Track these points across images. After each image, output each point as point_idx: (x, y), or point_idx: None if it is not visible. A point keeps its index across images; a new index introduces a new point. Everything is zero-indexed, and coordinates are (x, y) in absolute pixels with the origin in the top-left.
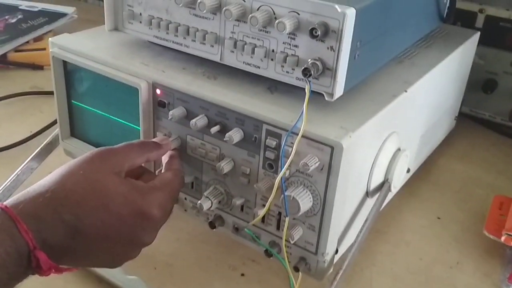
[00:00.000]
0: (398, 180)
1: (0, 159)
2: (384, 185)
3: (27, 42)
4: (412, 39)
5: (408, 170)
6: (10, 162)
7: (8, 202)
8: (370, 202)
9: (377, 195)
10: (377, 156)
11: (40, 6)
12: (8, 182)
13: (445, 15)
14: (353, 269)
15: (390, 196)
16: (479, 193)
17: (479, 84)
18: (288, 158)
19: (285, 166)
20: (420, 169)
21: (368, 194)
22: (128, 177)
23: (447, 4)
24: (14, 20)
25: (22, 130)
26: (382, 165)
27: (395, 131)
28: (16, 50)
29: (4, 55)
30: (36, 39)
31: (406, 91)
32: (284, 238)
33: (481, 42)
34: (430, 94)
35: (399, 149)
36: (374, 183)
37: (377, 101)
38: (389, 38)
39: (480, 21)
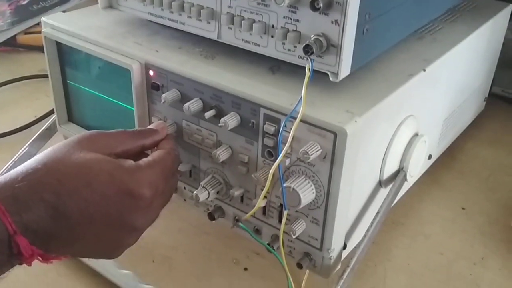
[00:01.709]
0: (416, 168)
1: (3, 144)
2: (399, 174)
3: (38, 24)
4: (435, 13)
5: (430, 157)
6: (12, 147)
7: None
8: (384, 192)
9: (391, 185)
10: (391, 142)
11: None
12: (4, 170)
13: None
14: (366, 264)
15: (407, 185)
16: (509, 181)
17: None
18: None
19: (281, 154)
20: (445, 155)
21: (381, 184)
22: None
23: None
24: (25, 2)
25: (27, 114)
26: (396, 152)
27: (412, 115)
28: (26, 32)
29: (14, 37)
30: None
31: (424, 70)
32: (281, 233)
33: None
34: (454, 74)
35: (416, 134)
36: (388, 172)
37: (391, 81)
38: (405, 11)
39: None
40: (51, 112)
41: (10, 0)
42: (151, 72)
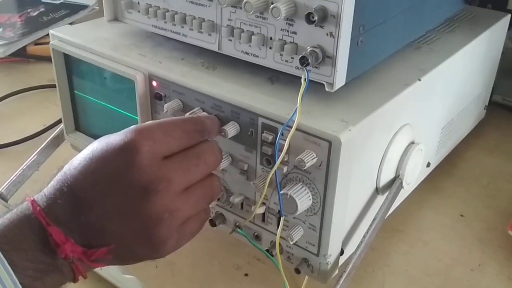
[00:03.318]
0: (412, 176)
1: (13, 153)
2: (395, 182)
3: (47, 35)
4: (431, 23)
5: (428, 164)
6: (21, 156)
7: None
8: (382, 199)
9: (387, 192)
10: (387, 151)
11: None
12: (14, 177)
13: None
14: (365, 270)
15: (405, 192)
16: (508, 188)
17: None
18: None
19: (277, 162)
20: (445, 162)
21: (378, 191)
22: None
23: None
24: (35, 13)
25: (36, 123)
26: (392, 160)
27: (408, 123)
28: (36, 43)
29: (24, 48)
30: None
31: (420, 80)
32: (278, 239)
33: None
34: (452, 83)
35: (412, 143)
36: (384, 180)
37: (386, 91)
38: (400, 23)
39: None
40: (59, 121)
41: (21, 12)
42: (154, 83)
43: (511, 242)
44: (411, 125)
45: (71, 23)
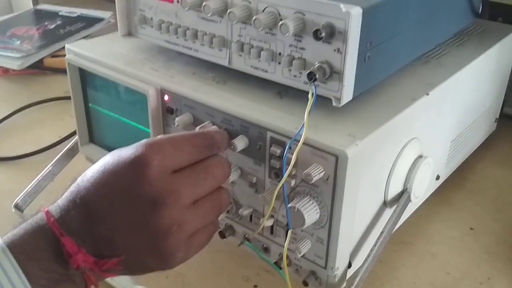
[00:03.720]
0: (420, 189)
1: (28, 164)
2: (403, 195)
3: (64, 47)
4: (440, 38)
5: (438, 177)
6: (37, 166)
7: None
8: (390, 212)
9: (395, 206)
10: (395, 164)
11: (79, 11)
12: (29, 188)
13: (480, 10)
14: (373, 283)
15: (414, 206)
16: None
17: None
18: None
19: (285, 175)
20: (455, 175)
21: (386, 204)
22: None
23: None
24: (52, 26)
25: (51, 135)
26: (400, 174)
27: (416, 137)
28: (53, 55)
29: (41, 60)
30: None
31: (427, 94)
32: (285, 251)
33: None
34: (461, 96)
35: (420, 156)
36: (392, 193)
37: (394, 105)
38: (408, 38)
39: None
40: (74, 133)
41: (39, 25)
42: (166, 97)
43: None
44: (419, 139)
45: (87, 36)
